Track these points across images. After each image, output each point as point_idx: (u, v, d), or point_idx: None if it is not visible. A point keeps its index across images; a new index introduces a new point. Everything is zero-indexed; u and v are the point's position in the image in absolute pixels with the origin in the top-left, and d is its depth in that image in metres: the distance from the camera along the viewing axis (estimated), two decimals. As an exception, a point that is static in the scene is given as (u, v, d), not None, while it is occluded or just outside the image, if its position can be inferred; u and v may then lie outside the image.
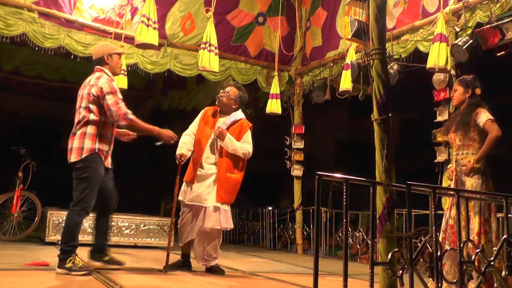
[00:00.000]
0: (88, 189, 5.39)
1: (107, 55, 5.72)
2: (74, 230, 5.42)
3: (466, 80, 5.65)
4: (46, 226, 8.74)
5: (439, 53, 6.77)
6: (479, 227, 5.08)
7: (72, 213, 5.41)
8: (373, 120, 3.19)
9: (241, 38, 10.27)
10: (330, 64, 9.69)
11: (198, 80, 11.54)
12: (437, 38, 6.87)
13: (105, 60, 5.71)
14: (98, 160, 5.45)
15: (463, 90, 5.57)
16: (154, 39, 7.52)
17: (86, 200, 5.39)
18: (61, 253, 5.36)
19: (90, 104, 5.47)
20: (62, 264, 5.30)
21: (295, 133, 10.67)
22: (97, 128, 5.46)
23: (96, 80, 5.54)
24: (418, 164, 9.83)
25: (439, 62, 6.74)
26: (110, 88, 5.43)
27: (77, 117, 5.55)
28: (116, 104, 5.37)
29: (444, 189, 4.98)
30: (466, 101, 5.53)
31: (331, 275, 6.64)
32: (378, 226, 3.00)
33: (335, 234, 10.26)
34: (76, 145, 5.44)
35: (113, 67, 5.77)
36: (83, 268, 5.31)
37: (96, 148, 5.43)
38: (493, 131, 5.16)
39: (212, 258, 6.17)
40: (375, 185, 3.01)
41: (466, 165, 5.28)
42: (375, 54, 3.28)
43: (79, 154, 5.40)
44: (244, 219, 12.95)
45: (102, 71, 5.66)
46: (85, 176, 5.40)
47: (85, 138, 5.42)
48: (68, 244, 5.37)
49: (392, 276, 2.87)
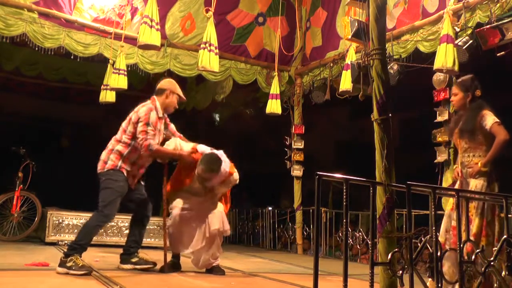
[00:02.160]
0: (108, 199, 5.76)
1: (170, 91, 6.15)
2: (88, 232, 5.78)
3: (465, 83, 5.55)
4: (46, 226, 8.76)
5: (446, 54, 6.74)
6: (478, 229, 5.04)
7: (93, 217, 5.82)
8: (373, 120, 3.19)
9: (241, 38, 10.27)
10: (330, 64, 9.68)
11: (198, 80, 11.53)
12: (444, 39, 6.83)
13: (165, 94, 6.12)
14: (119, 174, 5.84)
15: (463, 95, 5.46)
16: (157, 40, 7.51)
17: (107, 208, 5.76)
18: (68, 248, 5.63)
19: (128, 127, 5.90)
20: (63, 263, 5.44)
21: (295, 133, 10.66)
22: (125, 149, 5.89)
23: (141, 108, 5.97)
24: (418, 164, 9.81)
25: (446, 63, 6.71)
26: (145, 118, 5.83)
27: (117, 134, 5.99)
28: (144, 134, 5.77)
29: (444, 189, 4.97)
30: (467, 105, 5.46)
31: (331, 275, 6.63)
32: (378, 226, 3.00)
33: (335, 234, 10.25)
34: (103, 158, 5.91)
35: (168, 104, 6.15)
36: (83, 268, 5.42)
37: (118, 165, 5.85)
38: (501, 134, 5.09)
39: (215, 258, 6.17)
40: (375, 185, 3.01)
41: (473, 167, 5.22)
42: (375, 54, 3.28)
43: (102, 167, 5.87)
44: (244, 219, 12.94)
45: (153, 101, 6.08)
46: (106, 187, 5.80)
47: (112, 154, 5.87)
48: (77, 242, 5.65)
49: (392, 276, 2.87)
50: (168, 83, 6.29)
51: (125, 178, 5.86)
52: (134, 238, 6.16)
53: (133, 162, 5.93)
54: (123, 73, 8.52)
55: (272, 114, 9.76)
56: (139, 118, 5.83)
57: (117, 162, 5.83)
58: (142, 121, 5.79)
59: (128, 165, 5.88)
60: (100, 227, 6.02)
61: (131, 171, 5.93)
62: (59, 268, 5.40)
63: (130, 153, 5.87)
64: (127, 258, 6.07)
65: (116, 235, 8.96)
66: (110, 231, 8.65)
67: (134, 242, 6.14)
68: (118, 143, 5.91)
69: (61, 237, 8.80)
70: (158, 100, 6.08)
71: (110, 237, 8.72)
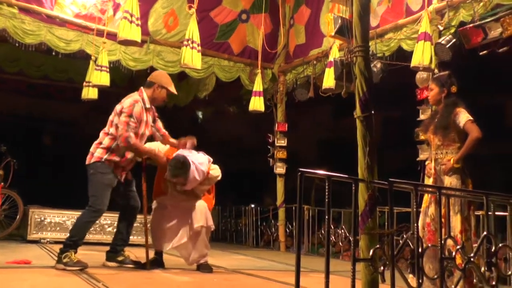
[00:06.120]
0: (98, 193, 5.80)
1: (158, 85, 6.14)
2: (81, 228, 5.83)
3: (441, 78, 5.63)
4: (28, 224, 8.71)
5: (423, 52, 6.78)
6: (461, 225, 5.11)
7: (84, 213, 5.86)
8: (356, 117, 3.20)
9: (225, 35, 10.24)
10: (314, 62, 9.70)
11: (180, 77, 11.48)
12: (422, 37, 6.87)
13: (153, 88, 6.12)
14: (106, 168, 5.84)
15: (439, 90, 5.54)
16: (137, 36, 7.44)
17: (97, 203, 5.79)
18: (63, 246, 5.69)
19: (114, 119, 5.90)
20: (59, 259, 5.59)
21: (278, 131, 10.65)
22: (112, 142, 5.87)
23: (126, 99, 5.98)
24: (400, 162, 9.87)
25: (423, 61, 6.75)
26: (128, 110, 5.81)
27: (105, 127, 5.99)
28: (125, 125, 5.74)
29: (426, 186, 5.00)
30: (443, 101, 5.52)
31: (314, 272, 6.66)
32: (360, 223, 3.01)
33: (318, 231, 10.28)
34: (91, 150, 5.93)
35: (156, 97, 6.15)
36: (78, 263, 5.57)
37: (103, 158, 5.84)
38: (474, 132, 5.16)
39: (204, 256, 6.15)
40: (357, 182, 3.02)
41: (446, 164, 5.30)
42: (358, 52, 3.28)
43: (89, 159, 5.88)
44: (227, 217, 12.95)
45: (140, 92, 6.08)
46: (94, 181, 5.82)
47: (99, 147, 5.87)
48: (71, 238, 5.72)
49: (374, 272, 2.88)
50: (158, 76, 6.32)
51: (112, 171, 5.86)
52: (121, 236, 6.17)
53: (122, 154, 5.91)
54: (106, 69, 8.44)
55: (255, 111, 9.74)
56: (122, 108, 5.82)
57: (103, 155, 5.83)
58: (125, 112, 5.78)
59: (116, 156, 5.86)
60: (92, 222, 6.04)
61: (119, 163, 5.90)
62: (57, 265, 5.57)
63: (118, 145, 5.84)
64: (113, 256, 6.08)
65: (99, 233, 8.92)
66: (93, 229, 8.56)
67: (121, 240, 6.15)
68: (106, 135, 5.90)
69: (43, 235, 8.75)
70: (146, 92, 6.08)
71: (93, 235, 8.64)
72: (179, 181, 5.87)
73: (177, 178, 5.82)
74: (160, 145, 6.22)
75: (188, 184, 5.90)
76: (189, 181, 5.85)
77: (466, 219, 5.13)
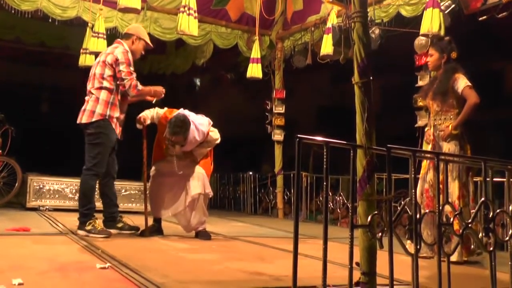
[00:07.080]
0: (100, 154, 5.71)
1: (137, 37, 6.03)
2: (90, 193, 5.77)
3: (441, 44, 5.64)
4: (27, 191, 8.74)
5: (432, 19, 6.71)
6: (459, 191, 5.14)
7: (86, 177, 5.73)
8: (354, 83, 3.18)
9: (222, 2, 10.14)
10: (312, 29, 9.62)
11: (177, 44, 11.40)
12: (430, 4, 6.75)
13: (131, 39, 6.00)
14: (110, 126, 5.73)
15: (439, 55, 5.55)
16: (137, 3, 7.36)
17: (98, 165, 5.71)
18: (81, 217, 5.68)
19: (105, 71, 5.73)
20: (82, 227, 5.61)
21: (276, 98, 10.63)
22: (110, 95, 5.74)
23: (113, 49, 5.84)
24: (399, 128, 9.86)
25: (432, 28, 6.69)
26: (126, 59, 5.74)
27: (92, 83, 5.81)
28: (129, 74, 5.69)
29: (424, 152, 5.00)
30: (442, 66, 5.52)
31: (312, 238, 6.69)
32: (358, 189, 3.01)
33: (316, 198, 10.32)
34: (89, 108, 5.72)
35: (134, 50, 6.01)
36: (102, 232, 5.61)
37: (107, 114, 5.71)
38: (472, 98, 5.18)
39: (202, 223, 6.17)
40: (356, 148, 3.01)
41: (444, 130, 5.31)
42: (357, 17, 3.25)
43: (90, 117, 5.67)
44: (225, 184, 12.99)
45: (120, 43, 5.94)
46: (97, 142, 5.71)
47: (98, 103, 5.69)
48: (86, 207, 5.68)
49: (372, 238, 2.88)
50: (135, 28, 6.25)
51: (113, 129, 5.78)
52: (111, 202, 6.10)
53: (121, 106, 5.87)
54: (103, 36, 8.38)
55: (253, 78, 9.68)
56: (117, 59, 5.72)
57: (105, 111, 5.71)
58: (123, 62, 5.71)
59: (116, 111, 5.79)
60: (96, 185, 5.94)
61: (118, 118, 5.85)
62: (79, 231, 5.61)
63: (115, 99, 5.78)
64: (112, 223, 6.06)
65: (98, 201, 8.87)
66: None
67: (113, 206, 6.11)
68: (100, 90, 5.75)
69: (42, 202, 8.80)
70: (125, 43, 5.99)
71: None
72: (179, 140, 5.78)
73: (176, 137, 5.74)
74: (158, 109, 6.18)
75: (187, 145, 5.87)
76: (189, 141, 5.81)
77: (464, 185, 5.16)
